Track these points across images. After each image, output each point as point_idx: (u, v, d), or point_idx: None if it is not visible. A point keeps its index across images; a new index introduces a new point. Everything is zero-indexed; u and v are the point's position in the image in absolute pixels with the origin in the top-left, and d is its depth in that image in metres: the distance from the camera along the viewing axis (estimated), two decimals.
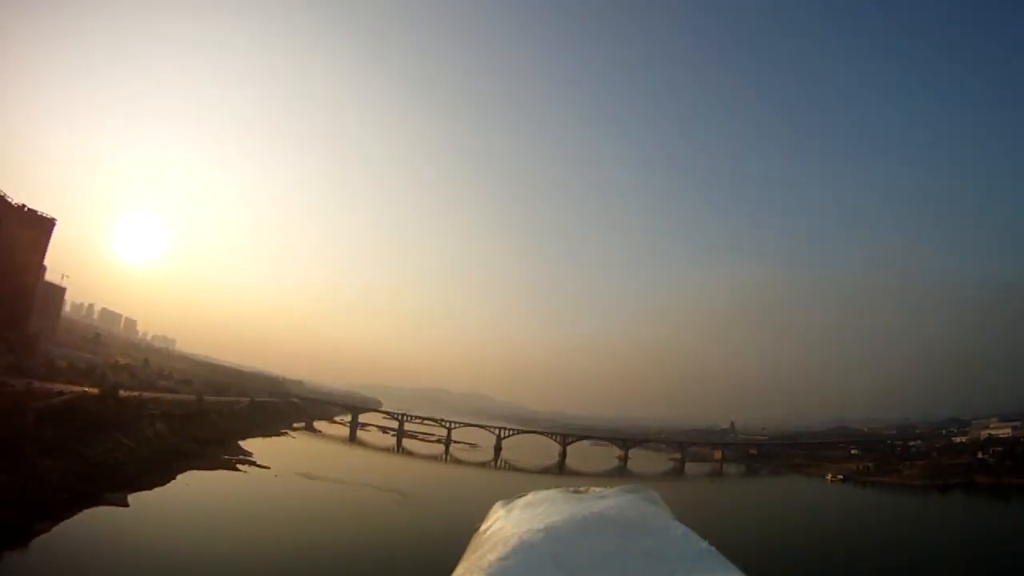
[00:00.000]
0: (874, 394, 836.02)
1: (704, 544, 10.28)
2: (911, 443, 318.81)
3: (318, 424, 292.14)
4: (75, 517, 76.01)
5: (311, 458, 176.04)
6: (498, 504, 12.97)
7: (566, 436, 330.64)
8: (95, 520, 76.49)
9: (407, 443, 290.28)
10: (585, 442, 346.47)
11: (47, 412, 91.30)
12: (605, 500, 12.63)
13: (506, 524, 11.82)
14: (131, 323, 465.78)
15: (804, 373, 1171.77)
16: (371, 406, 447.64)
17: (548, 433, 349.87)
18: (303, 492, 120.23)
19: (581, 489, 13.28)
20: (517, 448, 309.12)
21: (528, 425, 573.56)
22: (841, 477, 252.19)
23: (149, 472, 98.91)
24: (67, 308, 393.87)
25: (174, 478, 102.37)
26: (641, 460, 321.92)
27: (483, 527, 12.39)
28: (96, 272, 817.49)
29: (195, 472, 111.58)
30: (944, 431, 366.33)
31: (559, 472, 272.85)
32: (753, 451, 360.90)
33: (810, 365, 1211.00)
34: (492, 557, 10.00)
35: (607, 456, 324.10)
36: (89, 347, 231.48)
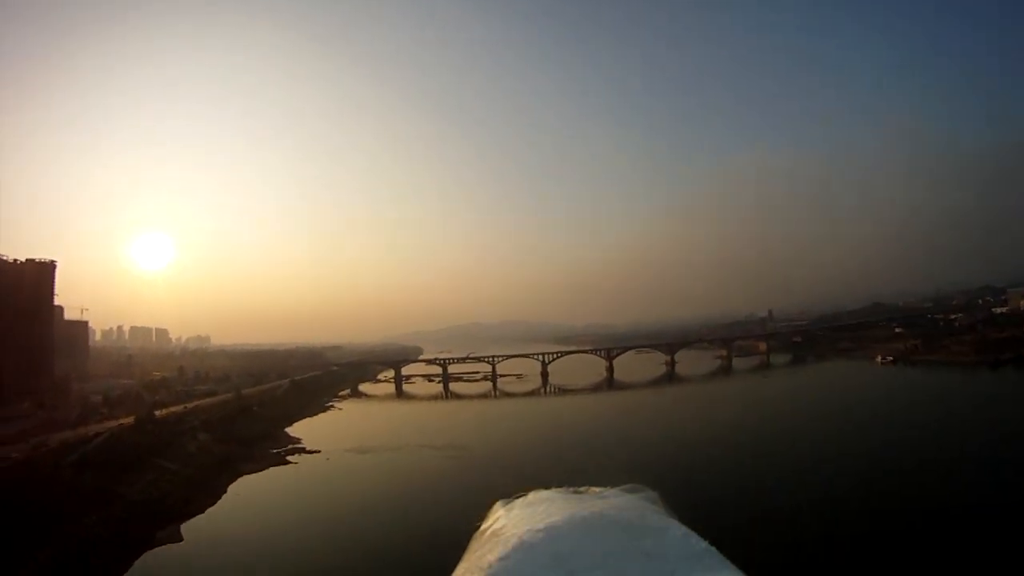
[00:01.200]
0: (905, 268, 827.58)
1: (704, 544, 11.22)
2: (952, 316, 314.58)
3: (363, 387, 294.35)
4: (130, 570, 73.89)
5: (360, 428, 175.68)
6: (499, 503, 14.65)
7: (610, 350, 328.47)
8: (151, 567, 74.47)
9: (454, 386, 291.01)
10: (630, 352, 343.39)
11: (84, 461, 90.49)
12: (605, 500, 14.03)
13: (506, 524, 13.05)
14: (162, 333, 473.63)
15: (835, 254, 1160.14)
16: (412, 355, 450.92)
17: (591, 350, 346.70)
18: (356, 471, 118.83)
19: (581, 489, 14.89)
20: (563, 370, 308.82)
21: (567, 343, 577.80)
22: (891, 358, 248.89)
23: (198, 493, 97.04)
24: (97, 336, 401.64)
25: (225, 491, 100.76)
26: (688, 362, 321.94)
27: (484, 526, 13.90)
28: (120, 293, 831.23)
29: (245, 478, 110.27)
30: (981, 301, 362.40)
31: (609, 388, 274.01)
32: (797, 339, 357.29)
33: (840, 245, 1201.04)
34: (492, 557, 11.15)
35: (653, 364, 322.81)
36: (123, 371, 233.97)
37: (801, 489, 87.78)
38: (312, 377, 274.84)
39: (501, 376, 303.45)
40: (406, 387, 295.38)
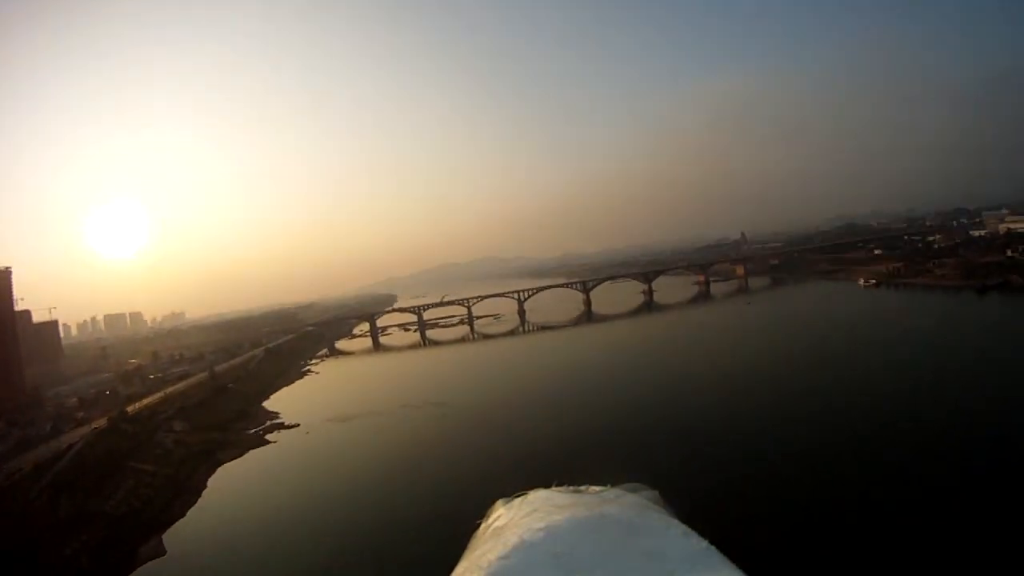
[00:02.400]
0: (877, 188, 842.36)
1: (704, 544, 11.34)
2: (930, 238, 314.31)
3: (340, 344, 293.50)
4: None
5: (339, 392, 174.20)
6: (499, 503, 14.94)
7: (586, 283, 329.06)
8: None
9: (431, 333, 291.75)
10: (606, 283, 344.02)
11: (58, 480, 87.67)
12: (605, 499, 14.23)
13: (506, 523, 13.32)
14: (136, 316, 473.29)
15: (805, 175, 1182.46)
16: (386, 305, 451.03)
17: (567, 283, 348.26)
18: (337, 446, 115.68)
19: (581, 488, 15.12)
20: (540, 307, 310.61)
21: (541, 276, 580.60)
22: (874, 281, 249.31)
23: (179, 493, 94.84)
24: (73, 331, 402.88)
25: (205, 486, 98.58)
26: (665, 290, 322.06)
27: (483, 525, 14.36)
28: (92, 282, 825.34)
29: (225, 468, 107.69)
30: (955, 223, 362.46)
31: (588, 321, 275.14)
32: (775, 262, 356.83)
33: (810, 167, 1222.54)
34: (492, 556, 11.36)
35: (631, 293, 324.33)
36: (99, 365, 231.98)
37: (805, 431, 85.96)
38: (286, 342, 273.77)
39: (478, 318, 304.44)
40: (383, 339, 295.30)
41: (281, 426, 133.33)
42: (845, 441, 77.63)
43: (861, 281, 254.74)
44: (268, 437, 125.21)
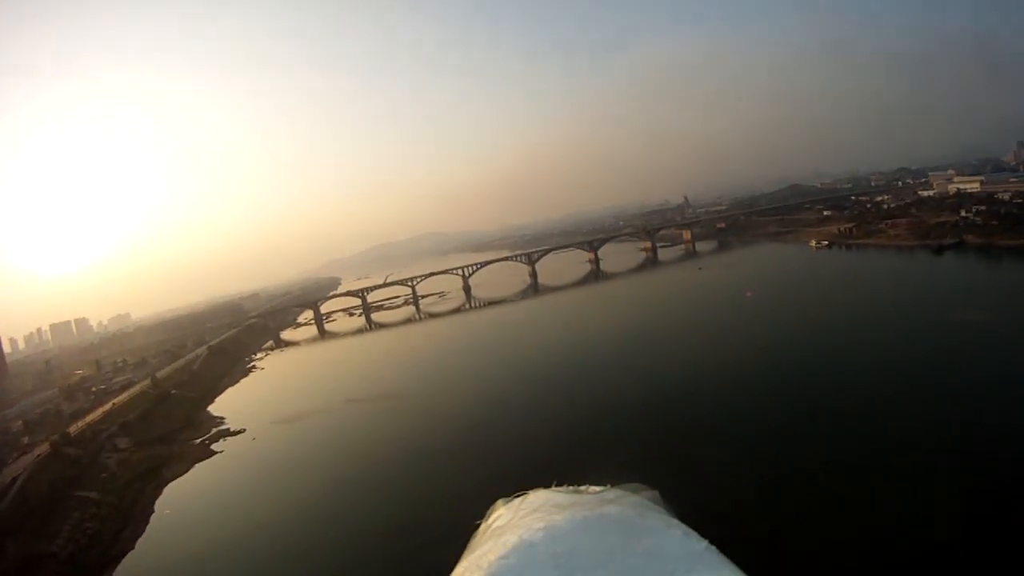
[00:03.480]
0: (819, 151, 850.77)
1: (704, 544, 11.80)
2: (878, 199, 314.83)
3: (285, 334, 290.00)
4: None
5: (285, 389, 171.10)
6: (499, 502, 15.64)
7: (531, 254, 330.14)
8: None
9: (377, 316, 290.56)
10: (552, 253, 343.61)
11: (2, 523, 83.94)
12: (605, 500, 14.57)
13: (506, 523, 13.90)
14: (82, 323, 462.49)
15: (746, 138, 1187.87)
16: (330, 289, 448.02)
17: (512, 256, 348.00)
18: (285, 451, 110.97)
19: (581, 488, 15.57)
20: (485, 281, 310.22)
21: (484, 249, 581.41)
22: (826, 243, 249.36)
23: (125, 521, 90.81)
24: (21, 345, 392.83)
25: (153, 511, 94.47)
26: (612, 258, 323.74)
27: (483, 525, 15.03)
28: (38, 294, 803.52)
29: (172, 486, 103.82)
30: (900, 182, 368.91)
31: (536, 293, 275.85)
32: (722, 225, 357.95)
33: (751, 130, 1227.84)
34: (492, 556, 11.81)
35: (577, 262, 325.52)
36: (44, 380, 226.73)
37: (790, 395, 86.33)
38: (230, 337, 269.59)
39: (423, 297, 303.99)
40: (328, 325, 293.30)
41: (227, 432, 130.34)
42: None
43: (813, 243, 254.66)
44: (214, 447, 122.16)
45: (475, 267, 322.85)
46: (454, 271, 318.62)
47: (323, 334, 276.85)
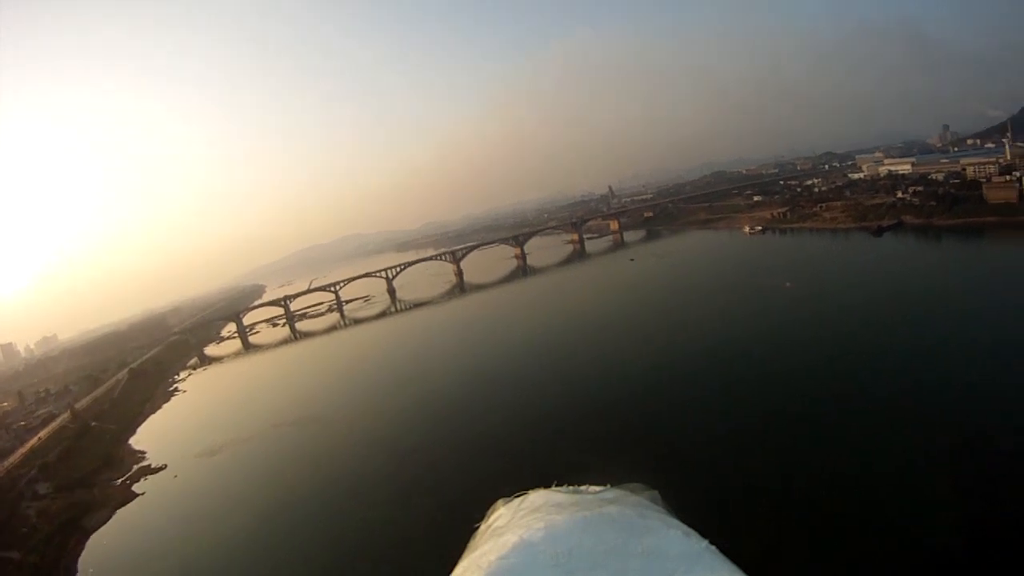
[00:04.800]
0: (741, 138, 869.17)
1: (704, 544, 12.17)
2: (809, 182, 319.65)
3: (209, 350, 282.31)
4: None
5: (207, 416, 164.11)
6: (499, 502, 15.92)
7: (455, 252, 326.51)
8: None
9: (301, 325, 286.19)
10: (476, 251, 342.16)
11: None
12: (605, 500, 14.87)
13: (506, 523, 14.13)
14: (8, 348, 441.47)
15: (667, 127, 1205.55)
16: (254, 297, 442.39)
17: (436, 256, 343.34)
18: (207, 488, 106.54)
19: (581, 488, 15.88)
20: (410, 282, 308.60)
21: (406, 248, 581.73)
22: (760, 228, 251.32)
23: None
24: None
25: (76, 570, 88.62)
26: (539, 252, 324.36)
27: (483, 525, 15.28)
28: None
29: (96, 537, 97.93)
30: (827, 166, 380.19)
31: (462, 292, 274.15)
32: (649, 214, 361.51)
33: (671, 118, 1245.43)
34: (492, 556, 12.10)
35: (502, 258, 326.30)
36: None
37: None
38: (152, 357, 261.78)
39: (347, 302, 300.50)
40: (252, 338, 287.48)
41: (148, 470, 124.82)
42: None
43: (746, 228, 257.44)
44: (136, 487, 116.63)
45: (399, 268, 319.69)
46: (377, 274, 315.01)
47: (247, 347, 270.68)
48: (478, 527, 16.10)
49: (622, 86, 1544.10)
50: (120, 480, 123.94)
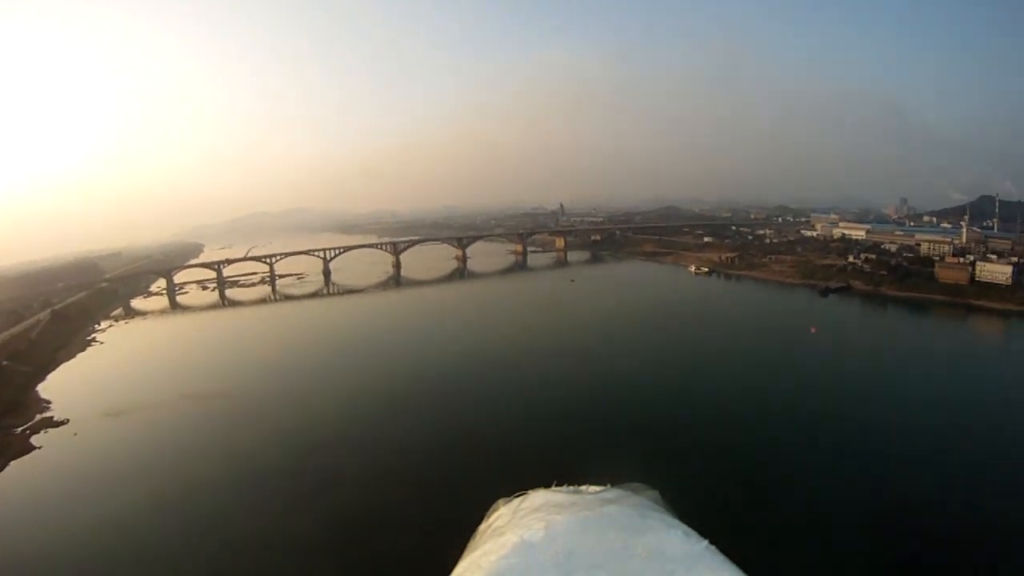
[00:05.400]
0: (697, 177, 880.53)
1: (704, 544, 12.34)
2: (760, 231, 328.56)
3: (136, 303, 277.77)
4: None
5: (120, 372, 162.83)
6: (499, 502, 16.42)
7: (396, 244, 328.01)
8: None
9: (232, 292, 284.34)
10: (418, 245, 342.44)
11: None
12: (605, 500, 15.00)
13: (507, 523, 14.40)
14: None
15: (626, 155, 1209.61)
16: (192, 255, 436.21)
17: (378, 244, 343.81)
18: (104, 451, 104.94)
19: (581, 488, 16.16)
20: (348, 266, 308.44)
21: (351, 231, 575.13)
22: (706, 269, 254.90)
23: None
24: None
25: None
26: (481, 256, 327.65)
27: (483, 525, 15.65)
28: None
29: None
30: (780, 219, 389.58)
31: (397, 285, 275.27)
32: (596, 237, 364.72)
33: (635, 147, 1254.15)
34: (492, 556, 12.17)
35: (443, 257, 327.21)
36: None
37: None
38: (77, 301, 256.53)
39: (281, 276, 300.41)
40: (181, 298, 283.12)
41: (51, 423, 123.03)
42: None
43: (692, 268, 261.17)
44: (34, 439, 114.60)
45: (338, 251, 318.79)
46: (316, 253, 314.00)
47: (173, 307, 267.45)
48: (478, 527, 16.68)
49: (591, 107, 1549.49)
50: (20, 429, 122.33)
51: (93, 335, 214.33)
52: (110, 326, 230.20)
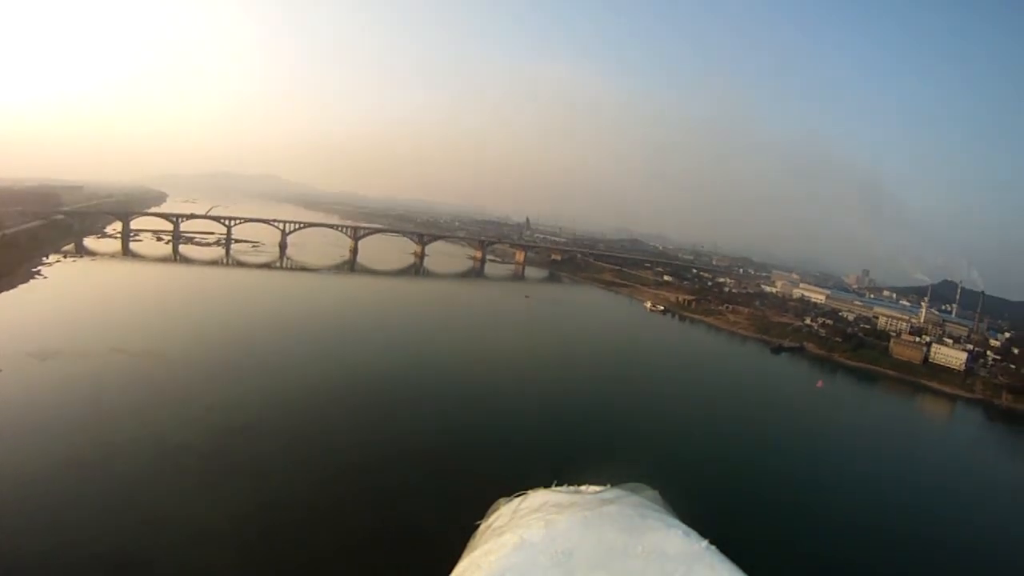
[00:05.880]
0: (666, 213, 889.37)
1: (704, 543, 12.05)
2: (720, 279, 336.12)
3: (88, 241, 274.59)
4: None
5: (58, 311, 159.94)
6: (499, 501, 15.70)
7: (357, 229, 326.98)
8: None
9: (185, 249, 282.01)
10: (379, 235, 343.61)
11: None
12: (605, 499, 14.58)
13: (506, 523, 14.00)
14: None
15: (600, 180, 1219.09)
16: (156, 203, 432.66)
17: (338, 226, 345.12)
18: (24, 395, 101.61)
19: (581, 488, 15.60)
20: (304, 243, 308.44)
21: (315, 207, 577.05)
22: (661, 308, 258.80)
23: None
24: None
25: None
26: (438, 256, 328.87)
27: (483, 525, 15.07)
28: None
29: None
30: (742, 269, 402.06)
31: (351, 270, 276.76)
32: (557, 257, 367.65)
33: (606, 173, 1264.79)
34: (492, 556, 11.94)
35: (401, 250, 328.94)
36: None
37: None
38: (29, 229, 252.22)
39: (237, 242, 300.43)
40: (134, 245, 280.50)
41: None
42: None
43: (648, 304, 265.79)
44: None
45: (297, 225, 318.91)
46: (275, 223, 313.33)
47: (125, 252, 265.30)
48: (478, 527, 15.83)
49: (571, 127, 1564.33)
50: None
51: (39, 268, 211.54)
52: (57, 261, 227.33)
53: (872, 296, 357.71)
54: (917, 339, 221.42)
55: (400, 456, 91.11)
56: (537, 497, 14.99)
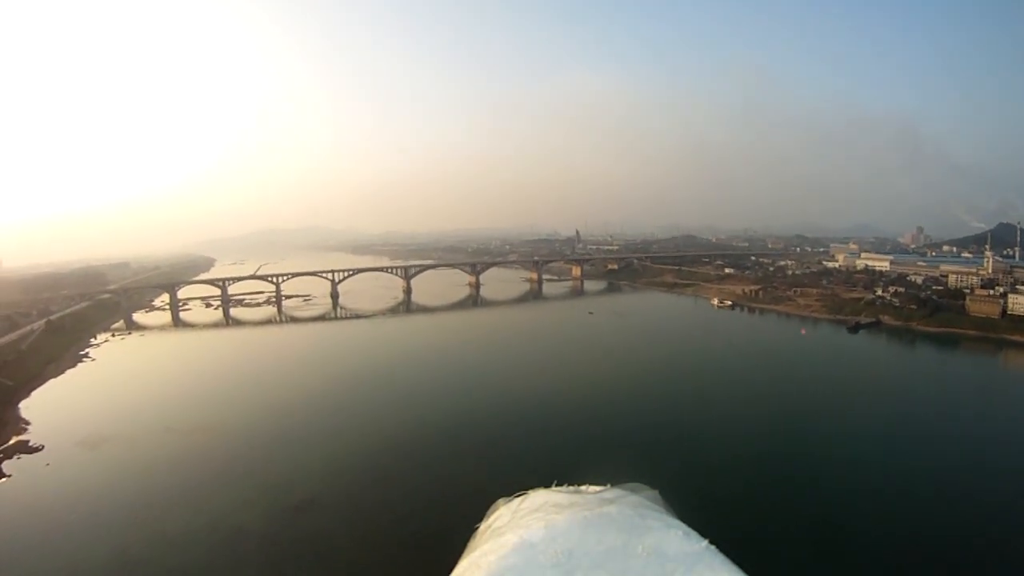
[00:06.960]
0: (712, 203, 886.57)
1: (704, 543, 12.10)
2: (781, 263, 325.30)
3: (138, 316, 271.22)
4: None
5: (106, 393, 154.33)
6: (499, 502, 16.02)
7: (408, 268, 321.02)
8: None
9: (237, 312, 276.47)
10: (430, 271, 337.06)
11: None
12: (605, 499, 14.82)
13: (506, 523, 14.12)
14: None
15: (643, 182, 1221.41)
16: (204, 269, 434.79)
17: (388, 268, 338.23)
18: (76, 489, 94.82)
19: (581, 488, 15.93)
20: (357, 289, 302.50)
21: (365, 251, 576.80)
22: (729, 303, 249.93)
23: None
24: None
25: None
26: (494, 283, 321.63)
27: (483, 525, 15.30)
28: None
29: None
30: (798, 248, 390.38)
31: (407, 311, 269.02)
32: (613, 266, 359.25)
33: (648, 175, 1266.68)
34: (492, 556, 11.96)
35: (455, 283, 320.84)
36: None
37: None
38: (76, 312, 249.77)
39: (288, 297, 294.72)
40: (185, 314, 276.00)
41: (25, 447, 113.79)
42: None
43: (715, 301, 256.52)
44: (5, 465, 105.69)
45: (346, 273, 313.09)
46: (323, 275, 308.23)
47: (176, 323, 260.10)
48: (478, 527, 16.15)
49: (606, 131, 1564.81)
50: None
51: (87, 349, 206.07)
52: (106, 340, 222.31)
53: (934, 254, 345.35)
54: (991, 293, 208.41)
55: (477, 516, 77.80)
56: (537, 497, 15.62)
